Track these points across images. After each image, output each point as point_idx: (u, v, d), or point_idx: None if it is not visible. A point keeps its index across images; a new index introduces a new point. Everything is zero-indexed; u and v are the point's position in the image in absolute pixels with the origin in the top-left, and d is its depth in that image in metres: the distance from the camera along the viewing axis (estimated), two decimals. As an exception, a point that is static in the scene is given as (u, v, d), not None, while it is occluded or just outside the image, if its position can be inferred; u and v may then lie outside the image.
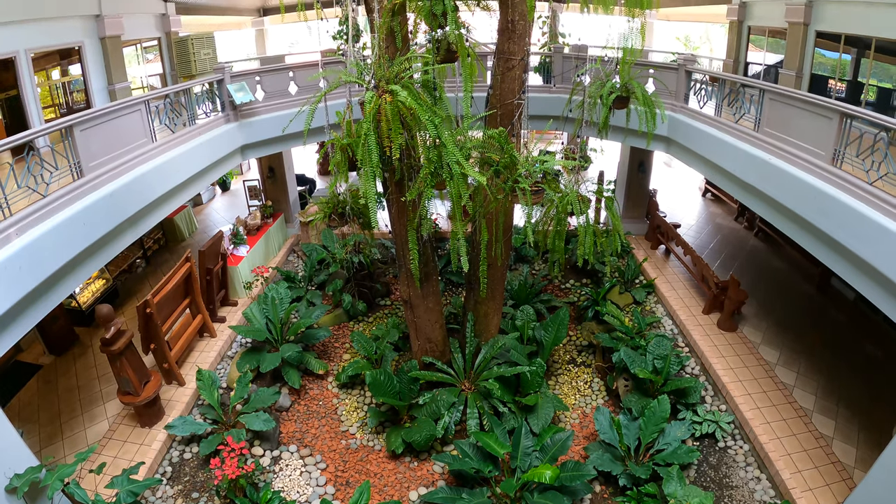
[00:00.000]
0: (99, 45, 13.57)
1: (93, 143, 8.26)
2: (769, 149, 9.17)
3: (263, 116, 12.47)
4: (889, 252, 6.69)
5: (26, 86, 11.43)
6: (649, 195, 16.04)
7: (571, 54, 13.65)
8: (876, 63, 11.63)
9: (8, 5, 10.77)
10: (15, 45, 11.12)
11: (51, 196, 7.40)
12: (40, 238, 6.93)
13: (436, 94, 7.31)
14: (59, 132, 7.82)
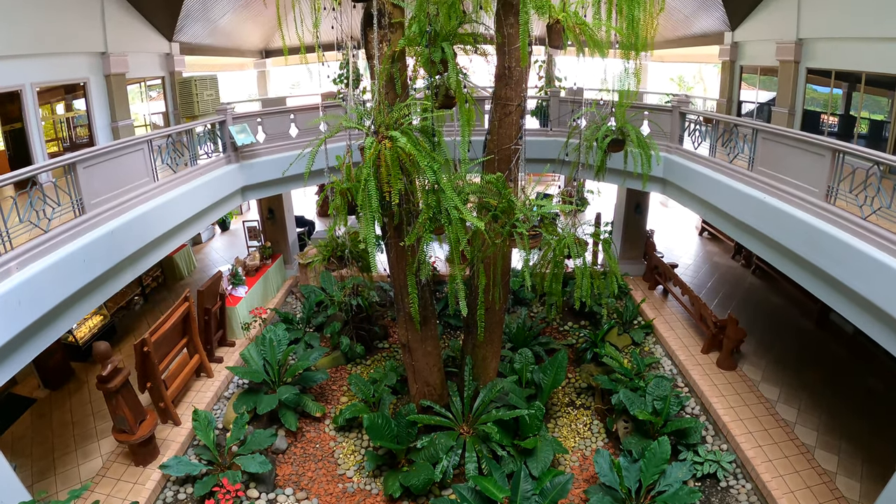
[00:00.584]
0: (104, 81, 13.83)
1: (95, 181, 8.37)
2: (763, 187, 9.29)
3: (264, 158, 12.62)
4: (885, 286, 6.73)
5: (31, 119, 11.60)
6: (646, 236, 16.14)
7: (568, 98, 13.90)
8: (867, 96, 11.85)
9: (16, 39, 11.01)
10: (21, 78, 11.33)
11: (52, 231, 7.49)
12: (40, 273, 6.97)
13: (434, 139, 7.44)
14: (62, 168, 7.93)
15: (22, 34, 11.16)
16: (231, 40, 20.77)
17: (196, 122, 12.06)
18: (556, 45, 7.47)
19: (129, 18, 14.65)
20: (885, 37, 10.96)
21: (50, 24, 11.82)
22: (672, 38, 20.18)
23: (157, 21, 15.84)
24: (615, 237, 16.41)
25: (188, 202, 10.62)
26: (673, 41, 20.23)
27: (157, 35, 16.15)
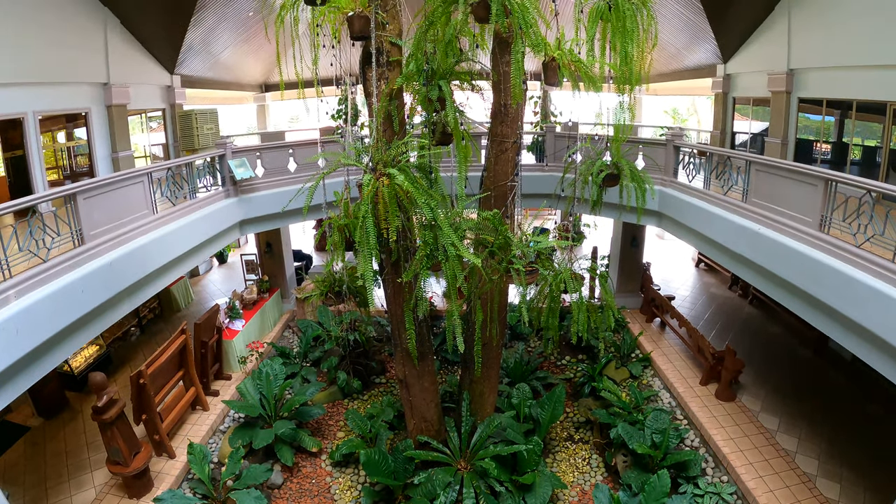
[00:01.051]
0: (105, 112, 14.01)
1: (95, 212, 8.44)
2: (758, 218, 9.37)
3: (263, 193, 12.70)
4: (881, 313, 6.75)
5: (32, 147, 11.73)
6: (643, 269, 16.19)
7: (563, 133, 14.06)
8: (859, 122, 12.04)
9: (20, 67, 11.19)
10: (24, 106, 11.49)
11: (51, 261, 7.51)
12: (38, 302, 6.98)
13: (432, 176, 7.51)
14: (62, 197, 8.00)
15: (26, 62, 11.35)
16: (231, 74, 21.05)
17: (196, 155, 12.16)
18: (551, 83, 7.58)
19: (131, 50, 14.90)
20: (875, 64, 11.21)
21: (53, 53, 12.03)
22: (665, 72, 20.49)
23: (159, 54, 16.08)
24: (612, 270, 16.48)
25: (187, 235, 10.65)
26: (666, 74, 20.54)
27: (159, 67, 16.39)
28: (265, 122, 25.10)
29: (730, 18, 15.30)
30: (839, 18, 12.10)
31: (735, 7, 14.82)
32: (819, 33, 12.80)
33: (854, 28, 11.65)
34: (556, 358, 13.94)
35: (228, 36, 18.03)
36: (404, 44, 7.66)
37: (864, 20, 11.34)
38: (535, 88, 17.74)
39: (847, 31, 11.86)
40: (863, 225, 7.42)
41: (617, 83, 7.97)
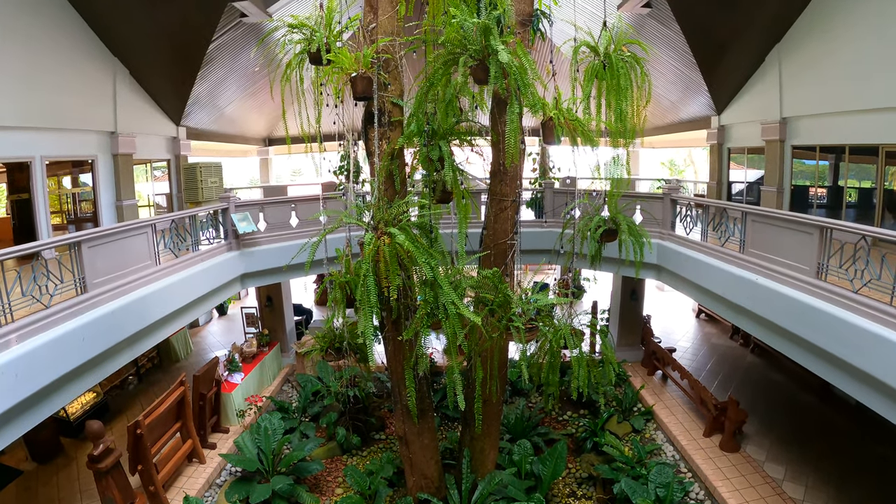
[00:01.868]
0: (111, 160, 14.27)
1: (99, 261, 8.50)
2: (756, 269, 9.44)
3: (264, 247, 12.79)
4: (881, 357, 6.73)
5: (38, 190, 11.90)
6: (643, 322, 16.18)
7: (562, 189, 14.27)
8: (853, 165, 12.24)
9: (30, 112, 11.46)
10: (32, 150, 11.71)
11: (53, 308, 7.54)
12: (39, 348, 6.99)
13: (432, 235, 7.60)
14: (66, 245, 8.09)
15: (36, 107, 11.64)
16: (236, 127, 21.45)
17: (199, 208, 12.31)
18: (549, 142, 7.75)
19: (139, 101, 15.26)
20: (865, 108, 11.49)
21: (63, 99, 12.34)
22: (661, 125, 20.88)
23: (166, 105, 16.45)
24: (612, 324, 16.47)
25: (188, 287, 10.69)
26: (662, 128, 20.92)
27: (165, 119, 16.73)
28: (268, 175, 25.46)
29: (722, 71, 15.68)
30: (828, 65, 12.46)
31: (727, 59, 15.21)
32: (809, 81, 13.16)
33: (843, 74, 11.99)
34: (557, 413, 13.78)
35: (234, 90, 18.45)
36: (405, 104, 7.86)
37: (853, 66, 11.69)
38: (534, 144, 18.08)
39: (837, 78, 12.21)
40: (859, 270, 7.49)
41: (613, 138, 8.15)
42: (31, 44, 11.59)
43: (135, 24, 13.67)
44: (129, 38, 14.03)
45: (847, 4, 11.82)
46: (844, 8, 11.90)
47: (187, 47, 14.73)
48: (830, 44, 12.37)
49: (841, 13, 12.01)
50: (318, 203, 12.96)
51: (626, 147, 8.55)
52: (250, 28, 15.33)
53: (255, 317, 16.68)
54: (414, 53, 8.32)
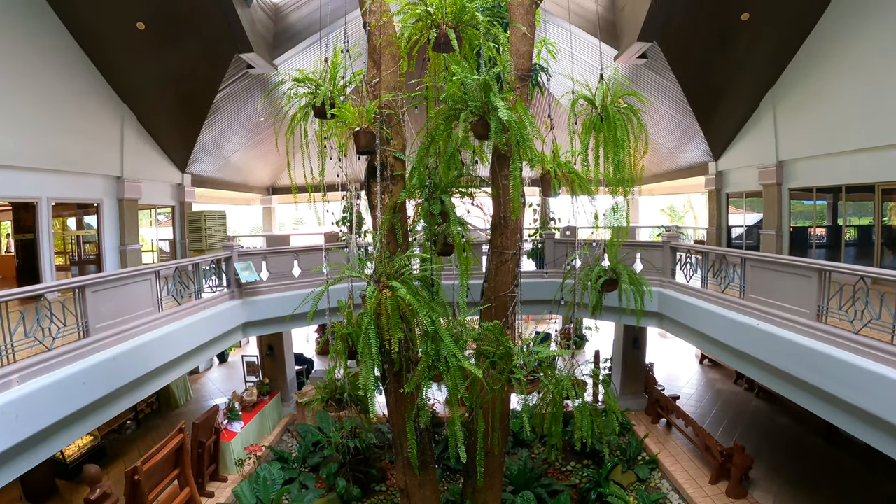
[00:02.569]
0: (117, 205, 14.47)
1: (102, 305, 8.58)
2: (756, 314, 9.48)
3: (267, 296, 12.83)
4: (886, 397, 6.73)
5: (43, 231, 12.04)
6: (646, 370, 16.10)
7: (562, 240, 14.38)
8: (850, 203, 12.42)
9: (38, 153, 11.70)
10: (39, 191, 11.90)
11: (55, 350, 7.60)
12: (40, 390, 7.01)
13: (433, 288, 7.65)
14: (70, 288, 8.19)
15: (44, 149, 11.88)
16: (240, 176, 21.72)
17: (203, 256, 12.40)
18: (547, 194, 7.86)
19: (146, 147, 15.54)
20: (859, 148, 11.76)
21: (71, 142, 12.60)
22: (659, 172, 21.13)
23: (172, 152, 16.72)
24: (615, 373, 16.39)
25: (190, 335, 10.71)
26: (660, 175, 21.17)
27: (171, 165, 16.99)
28: (271, 224, 25.66)
29: (718, 117, 15.97)
30: (821, 108, 12.76)
31: (722, 106, 15.51)
32: (804, 124, 13.42)
33: (836, 116, 12.28)
34: (560, 464, 13.57)
35: (239, 139, 18.76)
36: (408, 158, 8.00)
37: (845, 107, 12.00)
38: (534, 195, 18.26)
39: (830, 120, 12.50)
40: (859, 311, 7.53)
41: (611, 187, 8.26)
42: (42, 87, 11.91)
43: (144, 71, 14.04)
44: (137, 84, 14.40)
45: (836, 47, 12.17)
46: (834, 51, 12.26)
47: (195, 96, 15.08)
48: (822, 86, 12.69)
49: (831, 56, 12.36)
50: (321, 254, 13.06)
51: (625, 196, 8.68)
52: (256, 79, 15.69)
53: (255, 365, 16.62)
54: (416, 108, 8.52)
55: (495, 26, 7.51)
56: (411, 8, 7.44)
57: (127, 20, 12.75)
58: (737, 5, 12.85)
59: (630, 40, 14.02)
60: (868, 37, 11.44)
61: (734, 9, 12.93)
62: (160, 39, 13.41)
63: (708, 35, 13.67)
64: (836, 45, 12.26)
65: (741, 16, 13.02)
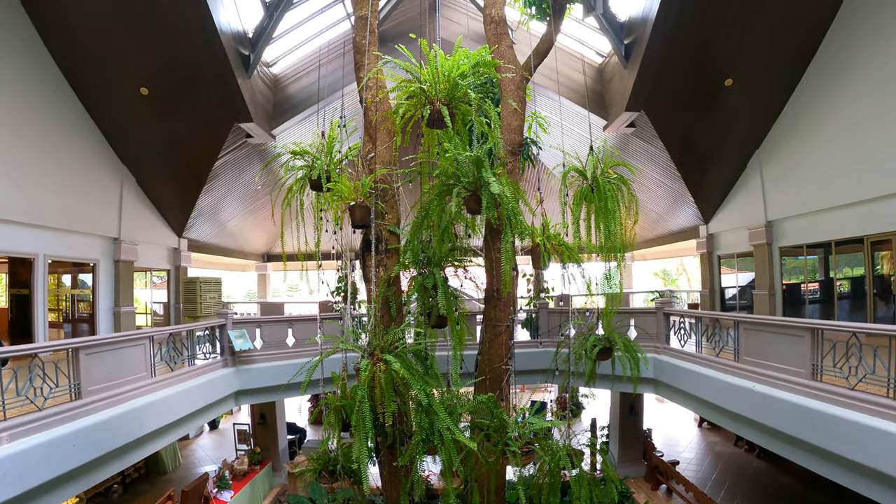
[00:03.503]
0: (112, 266, 14.56)
1: (95, 368, 8.57)
2: (752, 376, 9.51)
3: (260, 365, 12.77)
4: (885, 451, 6.71)
5: (38, 288, 12.07)
6: (644, 436, 15.93)
7: (556, 309, 14.46)
8: (840, 256, 12.59)
9: (37, 210, 11.87)
10: (36, 247, 12.01)
11: (46, 411, 7.55)
12: (30, 450, 6.94)
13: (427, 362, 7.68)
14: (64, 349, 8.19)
15: (44, 206, 12.03)
16: (236, 242, 21.91)
17: (197, 323, 12.42)
18: (538, 267, 7.99)
19: (144, 210, 15.74)
20: (845, 203, 12.05)
21: (71, 201, 12.78)
22: (651, 238, 21.40)
23: (170, 216, 16.91)
24: (612, 440, 16.20)
25: (182, 401, 10.62)
26: (652, 240, 21.43)
27: (168, 229, 17.15)
28: (265, 290, 25.69)
29: (706, 181, 16.32)
30: (807, 166, 13.14)
31: (710, 170, 15.89)
32: (790, 183, 13.77)
33: (821, 173, 12.64)
34: (559, 534, 13.27)
35: (236, 206, 19.02)
36: (402, 231, 8.15)
37: (830, 164, 12.37)
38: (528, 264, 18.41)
39: (816, 177, 12.84)
40: (853, 367, 7.59)
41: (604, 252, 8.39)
42: (46, 144, 12.18)
43: (145, 135, 14.40)
44: (138, 147, 14.73)
45: (819, 107, 12.61)
46: (816, 111, 12.70)
47: (194, 162, 15.39)
48: (807, 146, 13.10)
49: (814, 116, 12.80)
50: (315, 324, 13.07)
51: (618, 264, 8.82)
52: (255, 148, 16.04)
53: (247, 433, 16.36)
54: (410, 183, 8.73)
55: (487, 102, 7.80)
56: (406, 85, 7.73)
57: (131, 85, 13.14)
58: (720, 72, 13.35)
59: (618, 110, 14.48)
60: (849, 96, 11.91)
61: (717, 75, 13.42)
62: (162, 105, 13.78)
63: (693, 102, 14.16)
64: (818, 104, 12.70)
65: (724, 81, 13.51)
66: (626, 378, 9.88)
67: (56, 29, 12.00)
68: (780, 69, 13.20)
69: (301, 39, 15.86)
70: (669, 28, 12.24)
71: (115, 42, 12.22)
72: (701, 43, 12.72)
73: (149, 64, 12.80)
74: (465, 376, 8.20)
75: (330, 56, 15.09)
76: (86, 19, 11.78)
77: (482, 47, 8.83)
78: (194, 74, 13.22)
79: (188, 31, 12.16)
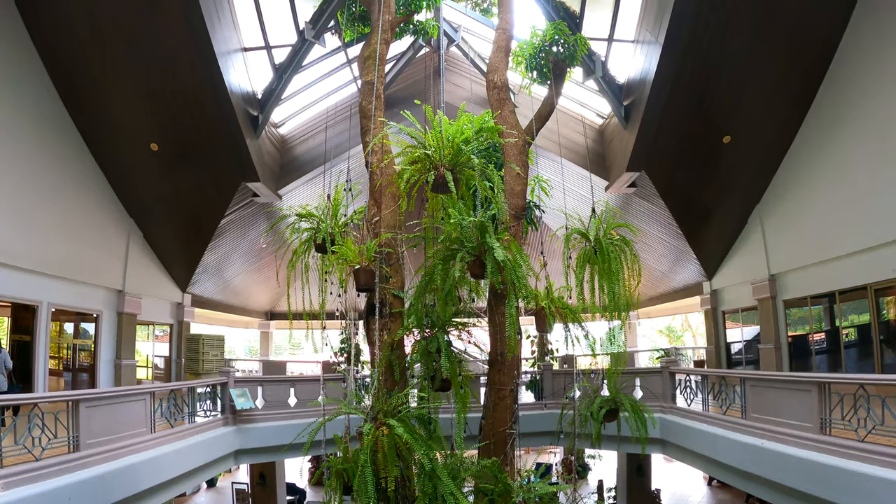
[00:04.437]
0: (115, 318, 14.58)
1: (94, 421, 8.49)
2: (760, 433, 9.34)
3: (261, 424, 12.63)
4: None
5: (40, 335, 12.09)
6: (652, 496, 15.60)
7: (560, 371, 14.39)
8: (845, 304, 12.52)
9: (43, 258, 11.96)
10: (41, 295, 12.06)
11: (44, 461, 7.46)
12: (24, 499, 6.83)
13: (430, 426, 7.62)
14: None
15: (51, 255, 12.14)
16: (240, 299, 21.97)
17: (199, 380, 12.37)
18: (542, 330, 8.01)
19: (149, 264, 15.85)
20: (846, 253, 12.09)
21: (78, 252, 12.90)
22: (654, 296, 21.38)
23: (175, 271, 17.01)
24: (620, 502, 15.84)
25: (181, 459, 10.46)
26: (655, 298, 21.41)
27: (172, 284, 17.22)
28: (268, 348, 25.60)
29: (708, 238, 16.41)
30: (807, 219, 13.25)
31: (711, 226, 16.01)
32: (792, 236, 13.85)
33: (822, 224, 12.73)
34: None
35: (241, 264, 19.15)
36: (406, 295, 8.19)
37: (830, 215, 12.47)
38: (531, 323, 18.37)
39: (816, 229, 12.94)
40: (862, 419, 7.48)
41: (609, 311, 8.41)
42: (56, 195, 12.38)
43: (153, 189, 14.65)
44: (146, 202, 14.95)
45: (815, 159, 12.80)
46: (814, 163, 12.89)
47: (201, 218, 15.57)
48: (805, 198, 13.23)
49: (811, 168, 12.99)
50: (318, 384, 12.99)
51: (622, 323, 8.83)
52: (261, 207, 16.26)
53: (245, 493, 16.06)
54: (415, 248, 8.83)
55: (490, 167, 7.94)
56: (411, 150, 7.91)
57: (142, 140, 13.41)
58: (718, 129, 13.60)
59: (619, 171, 14.70)
60: (845, 147, 12.10)
61: (716, 132, 13.67)
62: (172, 161, 14.06)
63: (693, 160, 14.38)
64: (816, 156, 12.88)
65: (723, 138, 13.74)
66: (633, 439, 9.76)
67: (73, 84, 12.37)
68: (777, 123, 13.46)
69: (309, 101, 16.28)
70: (667, 88, 12.54)
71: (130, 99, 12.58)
72: (698, 102, 13.01)
73: (160, 121, 13.14)
74: (468, 439, 8.13)
75: (337, 118, 15.46)
76: (103, 75, 12.15)
77: (485, 112, 9.05)
78: (204, 133, 13.53)
79: (201, 90, 12.51)
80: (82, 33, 11.62)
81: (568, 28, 10.48)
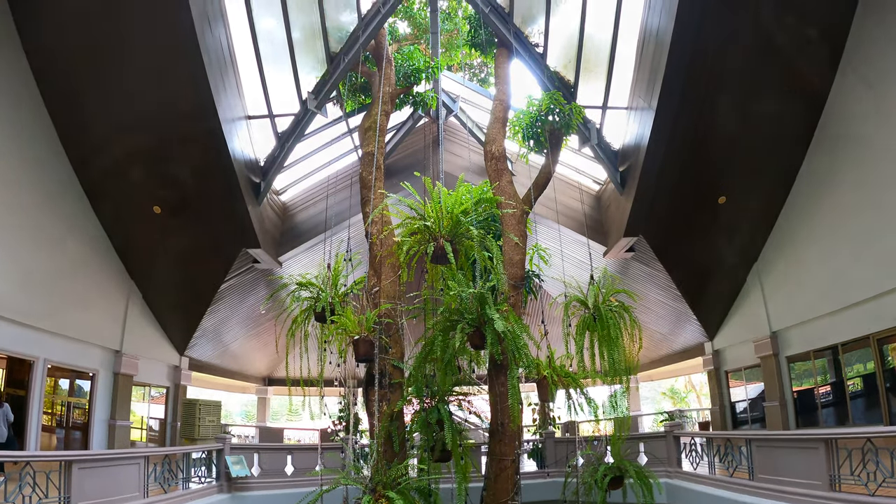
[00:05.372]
0: (112, 378, 14.31)
1: (87, 483, 8.33)
2: (769, 493, 9.17)
3: (257, 493, 12.38)
4: None
5: (35, 391, 11.82)
6: (659, 567, 15.12)
7: (563, 439, 14.19)
8: (849, 355, 12.34)
9: (42, 314, 11.75)
10: (37, 351, 11.81)
11: None
12: None
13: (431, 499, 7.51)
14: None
15: (50, 311, 11.97)
16: (237, 364, 21.77)
17: (194, 446, 12.19)
18: (544, 399, 7.98)
19: (147, 325, 15.68)
20: (846, 305, 11.95)
21: (77, 310, 12.75)
22: (656, 358, 21.22)
23: (173, 334, 16.82)
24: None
25: (174, 527, 10.24)
26: (657, 360, 21.24)
27: (170, 347, 17.02)
28: (265, 414, 25.23)
29: (708, 298, 16.35)
30: (805, 273, 13.15)
31: (710, 287, 15.97)
32: (790, 292, 13.75)
33: (820, 278, 12.64)
34: None
35: (239, 329, 19.07)
36: (405, 366, 8.19)
37: (827, 269, 12.40)
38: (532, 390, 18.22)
39: (814, 283, 12.84)
40: (871, 473, 7.37)
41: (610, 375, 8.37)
42: (58, 252, 12.30)
43: (155, 252, 14.66)
44: (147, 263, 14.92)
45: (810, 215, 12.84)
46: (808, 218, 12.92)
47: (200, 282, 15.55)
48: (802, 253, 13.21)
49: (806, 224, 13.01)
50: (316, 452, 12.79)
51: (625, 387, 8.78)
52: (261, 273, 16.31)
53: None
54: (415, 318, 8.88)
55: (489, 238, 8.05)
56: (410, 221, 8.04)
57: (145, 203, 13.52)
58: (713, 191, 13.72)
59: (617, 236, 14.83)
60: (839, 203, 12.14)
61: (710, 194, 13.78)
62: (174, 225, 14.10)
63: (689, 222, 14.48)
64: (811, 211, 12.94)
65: (718, 199, 13.88)
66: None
67: (79, 143, 12.49)
68: (771, 180, 13.57)
69: (310, 169, 16.54)
70: (661, 153, 12.71)
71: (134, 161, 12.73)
72: (692, 164, 13.19)
73: (164, 185, 13.29)
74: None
75: (338, 186, 15.67)
76: (109, 137, 12.32)
77: (483, 182, 9.25)
78: (207, 198, 13.67)
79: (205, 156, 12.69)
80: (91, 98, 11.89)
81: (563, 97, 10.79)
